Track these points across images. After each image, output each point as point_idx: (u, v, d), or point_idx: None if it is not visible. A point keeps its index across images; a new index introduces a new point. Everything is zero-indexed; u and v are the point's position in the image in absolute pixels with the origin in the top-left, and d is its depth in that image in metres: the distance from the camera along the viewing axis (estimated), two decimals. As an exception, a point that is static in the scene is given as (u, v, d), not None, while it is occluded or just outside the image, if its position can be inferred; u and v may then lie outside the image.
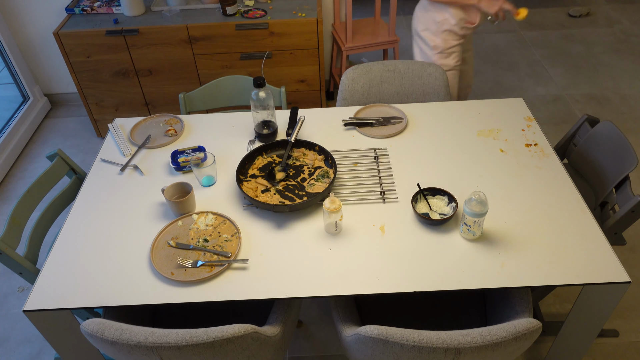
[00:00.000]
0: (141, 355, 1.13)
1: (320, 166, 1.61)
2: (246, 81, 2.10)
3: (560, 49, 3.73)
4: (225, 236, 1.41)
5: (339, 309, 1.38)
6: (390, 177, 1.59)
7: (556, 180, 1.55)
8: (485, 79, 3.44)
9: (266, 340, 1.22)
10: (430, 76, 2.00)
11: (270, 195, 1.51)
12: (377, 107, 1.88)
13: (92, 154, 2.96)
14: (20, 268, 1.49)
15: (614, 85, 3.32)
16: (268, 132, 1.74)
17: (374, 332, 1.11)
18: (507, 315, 1.35)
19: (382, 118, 1.80)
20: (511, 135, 1.73)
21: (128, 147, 1.78)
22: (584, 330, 1.44)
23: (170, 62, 2.69)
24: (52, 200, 1.68)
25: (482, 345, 1.08)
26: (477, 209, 1.29)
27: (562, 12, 4.22)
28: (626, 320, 1.97)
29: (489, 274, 1.29)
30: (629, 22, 4.03)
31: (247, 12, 2.65)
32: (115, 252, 1.40)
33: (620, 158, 1.64)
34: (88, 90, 2.79)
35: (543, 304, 2.03)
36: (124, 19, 2.65)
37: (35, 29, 3.03)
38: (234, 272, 1.33)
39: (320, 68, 2.75)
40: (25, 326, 2.08)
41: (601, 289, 1.30)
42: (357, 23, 3.06)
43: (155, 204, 1.54)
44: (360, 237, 1.40)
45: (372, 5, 3.13)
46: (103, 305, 1.27)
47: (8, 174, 2.87)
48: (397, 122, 1.80)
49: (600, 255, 1.32)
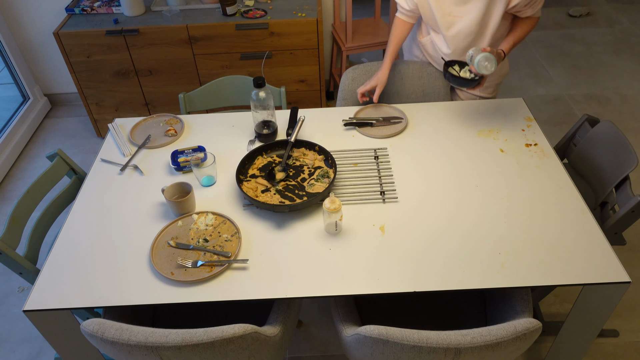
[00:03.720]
0: (141, 355, 1.13)
1: (320, 166, 1.61)
2: (246, 81, 2.10)
3: (560, 49, 3.73)
4: (225, 236, 1.41)
5: (339, 309, 1.38)
6: (390, 177, 1.59)
7: (556, 180, 1.55)
8: (485, 79, 3.43)
9: (266, 340, 1.22)
10: (430, 76, 2.00)
11: (270, 195, 1.51)
12: (377, 107, 1.88)
13: (92, 154, 2.96)
14: (20, 268, 1.49)
15: (614, 85, 3.32)
16: (268, 132, 1.74)
17: (374, 332, 1.11)
18: (507, 315, 1.35)
19: (382, 118, 1.80)
20: (511, 135, 1.73)
21: (128, 147, 1.78)
22: (584, 330, 1.44)
23: (170, 62, 2.69)
24: (52, 200, 1.68)
25: (482, 345, 1.08)
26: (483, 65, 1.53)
27: (562, 12, 4.22)
28: (626, 320, 1.97)
29: (489, 274, 1.29)
30: (629, 22, 4.03)
31: (247, 12, 2.65)
32: (115, 252, 1.40)
33: (620, 158, 1.64)
34: (88, 90, 2.79)
35: (543, 304, 2.03)
36: (124, 19, 2.65)
37: (35, 29, 3.03)
38: (234, 272, 1.33)
39: (320, 68, 2.75)
40: (25, 326, 2.08)
41: (601, 289, 1.30)
42: (357, 23, 3.06)
43: (155, 204, 1.54)
44: (360, 237, 1.40)
45: (372, 5, 3.13)
46: (103, 305, 1.27)
47: (8, 174, 2.87)
48: (397, 122, 1.80)
49: (600, 255, 1.32)
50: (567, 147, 1.90)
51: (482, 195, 1.51)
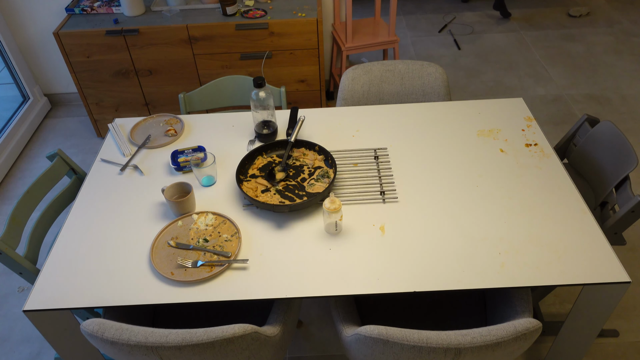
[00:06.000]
0: (141, 355, 1.13)
1: (320, 166, 1.61)
2: (246, 81, 2.10)
3: (560, 49, 3.73)
4: (225, 236, 1.41)
5: (339, 309, 1.38)
6: (390, 177, 1.59)
7: (556, 180, 1.55)
8: (485, 79, 3.44)
9: (266, 340, 1.22)
10: (430, 76, 2.01)
11: (270, 195, 1.51)
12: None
13: (92, 154, 2.96)
14: (20, 268, 1.49)
15: (614, 85, 3.32)
16: (268, 132, 1.74)
17: (374, 332, 1.11)
18: (507, 315, 1.35)
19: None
20: (511, 135, 1.73)
21: (128, 147, 1.78)
22: (584, 330, 1.44)
23: (170, 62, 2.69)
24: (52, 200, 1.68)
25: (482, 345, 1.08)
26: None
27: (562, 12, 4.22)
28: (626, 320, 1.97)
29: (489, 274, 1.29)
30: (629, 22, 4.03)
31: (247, 12, 2.65)
32: (115, 252, 1.40)
33: (620, 158, 1.64)
34: (88, 90, 2.79)
35: (543, 304, 2.03)
36: (124, 19, 2.65)
37: (35, 29, 3.03)
38: (234, 272, 1.33)
39: (320, 68, 2.76)
40: (25, 326, 2.08)
41: (601, 289, 1.30)
42: (357, 23, 3.06)
43: (155, 204, 1.54)
44: (360, 237, 1.40)
45: (372, 5, 3.13)
46: (103, 305, 1.27)
47: (8, 174, 2.87)
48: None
49: (600, 255, 1.32)
50: (567, 147, 1.90)
51: (482, 195, 1.51)
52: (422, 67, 2.01)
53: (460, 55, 3.70)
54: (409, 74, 2.02)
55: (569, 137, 1.88)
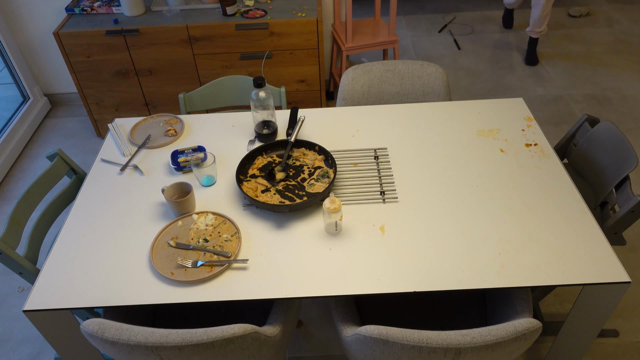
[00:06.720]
0: (141, 355, 1.13)
1: (320, 166, 1.61)
2: (246, 81, 2.10)
3: (560, 49, 3.73)
4: (225, 236, 1.41)
5: (339, 309, 1.38)
6: (390, 177, 1.59)
7: (556, 180, 1.55)
8: (485, 79, 3.44)
9: (266, 340, 1.22)
10: (430, 76, 2.00)
11: (270, 195, 1.51)
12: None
13: (92, 154, 2.96)
14: (20, 268, 1.49)
15: (614, 85, 3.32)
16: (268, 132, 1.74)
17: (374, 332, 1.11)
18: (507, 315, 1.35)
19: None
20: (511, 135, 1.73)
21: (128, 147, 1.78)
22: (584, 330, 1.44)
23: (170, 62, 2.69)
24: (52, 200, 1.68)
25: (482, 345, 1.08)
26: None
27: (562, 12, 4.22)
28: (626, 320, 1.97)
29: (489, 274, 1.29)
30: (629, 22, 4.03)
31: (247, 12, 2.65)
32: (115, 252, 1.40)
33: (620, 158, 1.64)
34: (88, 90, 2.79)
35: (543, 304, 2.03)
36: (124, 19, 2.65)
37: (35, 29, 3.03)
38: (234, 272, 1.33)
39: (320, 68, 2.76)
40: (25, 326, 2.08)
41: (601, 289, 1.30)
42: (357, 23, 3.06)
43: (155, 204, 1.54)
44: (360, 237, 1.40)
45: (372, 5, 3.13)
46: (103, 305, 1.27)
47: (8, 174, 2.87)
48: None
49: (600, 255, 1.32)
50: (567, 147, 1.90)
51: (482, 195, 1.51)
52: (422, 67, 2.01)
53: (460, 55, 3.70)
54: (409, 74, 2.02)
55: (569, 137, 1.88)
